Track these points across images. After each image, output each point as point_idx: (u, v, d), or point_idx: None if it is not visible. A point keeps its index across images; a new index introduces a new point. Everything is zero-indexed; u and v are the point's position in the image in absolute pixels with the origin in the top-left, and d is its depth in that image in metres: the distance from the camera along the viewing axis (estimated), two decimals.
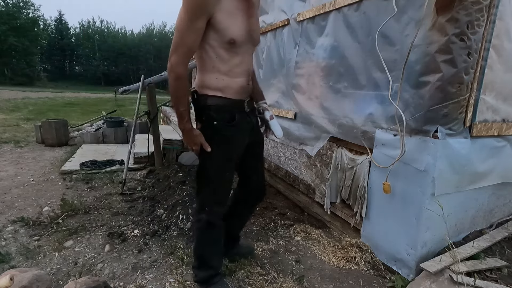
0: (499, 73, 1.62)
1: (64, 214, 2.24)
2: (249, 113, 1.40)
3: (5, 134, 5.26)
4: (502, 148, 1.81)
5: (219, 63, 1.24)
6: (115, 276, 1.63)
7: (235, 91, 1.29)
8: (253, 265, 1.76)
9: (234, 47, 1.21)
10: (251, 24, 1.24)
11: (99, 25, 47.35)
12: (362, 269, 1.78)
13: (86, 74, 43.45)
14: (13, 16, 32.16)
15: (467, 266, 1.54)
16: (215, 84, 1.27)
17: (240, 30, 1.20)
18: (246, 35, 1.22)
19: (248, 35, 1.23)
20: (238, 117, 1.32)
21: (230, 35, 1.17)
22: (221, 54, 1.22)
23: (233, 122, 1.30)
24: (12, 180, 3.02)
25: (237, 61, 1.25)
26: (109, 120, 5.25)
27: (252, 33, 1.25)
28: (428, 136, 1.53)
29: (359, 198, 1.95)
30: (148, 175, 3.32)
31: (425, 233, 1.59)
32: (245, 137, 1.39)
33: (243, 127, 1.36)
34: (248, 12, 1.21)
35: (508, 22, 1.56)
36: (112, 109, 6.74)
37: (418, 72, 1.54)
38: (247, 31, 1.22)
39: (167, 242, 1.95)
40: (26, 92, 17.64)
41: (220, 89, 1.28)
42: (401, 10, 1.60)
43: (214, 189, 1.39)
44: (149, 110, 3.30)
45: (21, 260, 1.72)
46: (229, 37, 1.18)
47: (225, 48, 1.21)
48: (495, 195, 1.96)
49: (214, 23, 1.15)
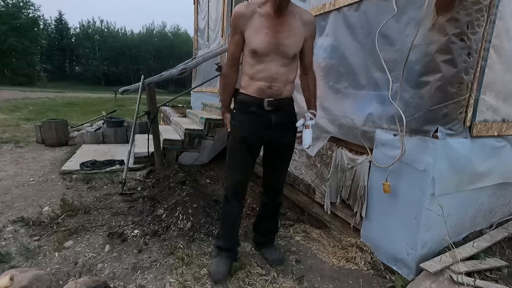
0: (499, 73, 1.62)
1: (64, 214, 2.24)
2: (271, 111, 1.59)
3: (5, 134, 5.26)
4: (502, 148, 1.81)
5: (247, 68, 1.58)
6: (115, 276, 1.63)
7: (254, 91, 1.57)
8: (253, 265, 1.76)
9: (257, 56, 1.51)
10: (278, 38, 1.49)
11: (99, 25, 47.26)
12: (362, 269, 1.78)
13: (86, 74, 43.36)
14: (13, 16, 32.10)
15: (467, 266, 1.54)
16: (243, 84, 1.63)
17: (262, 43, 1.48)
18: (269, 47, 1.49)
19: (274, 47, 1.49)
20: (252, 110, 1.59)
21: (252, 46, 1.50)
22: (248, 61, 1.56)
23: (246, 110, 1.60)
24: (12, 180, 3.02)
25: (260, 67, 1.53)
26: (109, 120, 5.24)
27: (279, 46, 1.49)
28: (428, 136, 1.53)
29: (359, 198, 1.95)
30: (148, 175, 3.32)
31: (425, 233, 1.59)
32: (257, 129, 1.61)
33: (256, 120, 1.60)
34: (276, 29, 1.48)
35: (508, 22, 1.56)
36: (112, 109, 6.73)
37: (418, 72, 1.54)
38: (272, 44, 1.48)
39: (167, 242, 1.95)
40: (26, 92, 17.62)
41: (245, 87, 1.62)
42: (401, 10, 1.60)
43: (229, 170, 1.71)
44: (149, 110, 3.30)
45: (21, 260, 1.72)
46: (251, 47, 1.50)
47: (250, 56, 1.53)
48: (495, 195, 1.96)
49: (245, 37, 1.53)
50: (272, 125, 1.60)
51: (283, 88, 1.58)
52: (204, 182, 3.24)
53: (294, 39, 1.53)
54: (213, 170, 3.56)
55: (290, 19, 1.51)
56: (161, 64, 39.25)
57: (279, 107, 1.60)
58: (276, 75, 1.54)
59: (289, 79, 1.60)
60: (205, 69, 6.19)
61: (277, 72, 1.54)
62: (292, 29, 1.51)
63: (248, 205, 2.58)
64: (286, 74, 1.57)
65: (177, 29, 51.17)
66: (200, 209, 2.24)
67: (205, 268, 1.69)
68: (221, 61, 5.32)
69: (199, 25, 7.31)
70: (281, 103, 1.60)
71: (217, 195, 2.88)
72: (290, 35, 1.51)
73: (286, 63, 1.55)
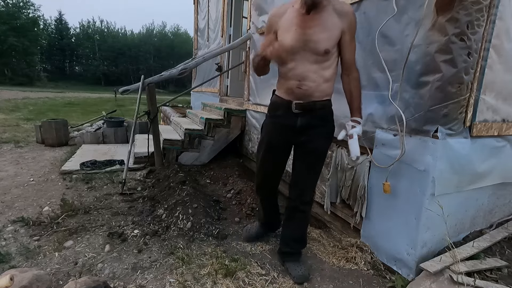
0: (499, 73, 1.62)
1: (64, 214, 2.24)
2: (299, 114, 1.55)
3: (5, 134, 5.26)
4: (502, 148, 1.81)
5: (280, 67, 1.56)
6: (115, 276, 1.63)
7: (284, 92, 1.57)
8: (253, 265, 1.76)
9: (287, 54, 1.47)
10: (306, 35, 1.45)
11: (99, 25, 47.28)
12: (362, 269, 1.78)
13: (86, 74, 43.39)
14: (13, 16, 32.10)
15: (467, 266, 1.54)
16: (277, 84, 1.64)
17: (291, 41, 1.46)
18: (297, 44, 1.45)
19: (302, 44, 1.45)
20: (279, 113, 1.59)
21: (282, 44, 1.45)
22: None
23: (273, 114, 1.64)
24: (12, 180, 3.02)
25: (290, 65, 1.50)
26: (109, 120, 5.24)
27: (308, 43, 1.45)
28: (428, 136, 1.53)
29: (359, 198, 1.95)
30: (148, 175, 3.32)
31: (425, 233, 1.59)
32: (283, 133, 1.62)
33: (282, 123, 1.60)
34: (305, 25, 1.44)
35: (508, 22, 1.56)
36: (112, 109, 6.72)
37: (418, 72, 1.54)
38: (300, 41, 1.45)
39: (167, 242, 1.95)
40: (26, 92, 17.62)
41: (278, 88, 1.63)
42: (401, 10, 1.60)
43: (256, 164, 1.83)
44: (149, 110, 3.30)
45: (21, 260, 1.72)
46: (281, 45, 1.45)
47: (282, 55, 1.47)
48: (495, 195, 1.96)
49: (278, 36, 1.54)
50: (297, 128, 1.57)
51: (315, 88, 1.50)
52: (204, 182, 3.24)
53: (326, 34, 1.45)
54: (213, 170, 3.56)
55: (322, 13, 1.44)
56: (161, 64, 39.30)
57: (309, 111, 1.54)
58: (306, 72, 1.48)
59: (323, 76, 1.50)
60: (205, 69, 6.20)
61: (307, 70, 1.48)
62: (323, 23, 1.44)
63: (248, 205, 2.58)
64: (317, 71, 1.49)
65: (177, 29, 51.26)
66: (200, 209, 2.24)
67: (205, 268, 1.69)
68: (221, 61, 5.33)
69: (199, 25, 7.31)
70: (312, 107, 1.53)
71: (217, 195, 2.89)
72: (320, 30, 1.44)
73: (318, 59, 1.47)
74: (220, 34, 5.45)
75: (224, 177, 3.30)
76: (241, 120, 3.81)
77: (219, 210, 2.52)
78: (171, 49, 44.82)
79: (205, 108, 4.95)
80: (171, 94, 17.09)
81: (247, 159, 3.82)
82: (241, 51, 4.69)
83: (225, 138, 3.81)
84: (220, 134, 3.73)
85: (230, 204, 2.68)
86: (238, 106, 4.08)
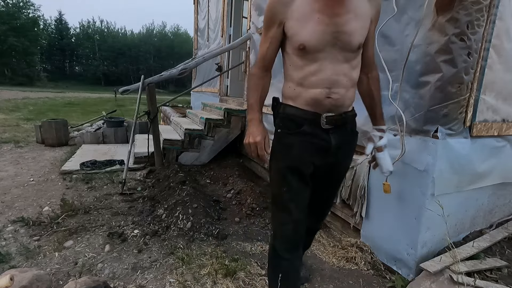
0: (499, 73, 1.62)
1: (64, 214, 2.24)
2: (330, 130, 1.15)
3: (5, 134, 5.26)
4: (502, 148, 1.81)
5: (292, 71, 1.15)
6: (115, 276, 1.63)
7: (306, 102, 1.13)
8: (253, 265, 1.76)
9: (307, 53, 1.07)
10: (336, 25, 1.04)
11: (99, 25, 47.34)
12: (362, 269, 1.78)
13: (86, 74, 43.43)
14: (13, 16, 32.14)
15: (467, 266, 1.54)
16: (288, 93, 1.18)
17: (314, 33, 1.04)
18: (325, 38, 1.05)
19: (331, 37, 1.05)
20: (305, 130, 1.14)
21: (300, 40, 1.06)
22: (294, 61, 1.12)
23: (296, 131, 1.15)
24: (12, 180, 3.02)
25: (312, 69, 1.09)
26: (109, 120, 5.24)
27: (338, 35, 1.04)
28: (428, 136, 1.53)
29: (359, 198, 1.95)
30: (148, 175, 3.32)
31: (425, 233, 1.59)
32: (313, 154, 1.17)
33: (311, 142, 1.15)
34: (332, 11, 1.03)
35: (508, 22, 1.56)
36: (112, 109, 6.73)
37: (418, 72, 1.54)
38: (329, 33, 1.04)
39: (167, 242, 1.95)
40: (26, 92, 17.63)
41: (292, 98, 1.16)
42: (401, 10, 1.59)
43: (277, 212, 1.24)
44: (149, 110, 3.30)
45: (21, 260, 1.72)
46: (299, 42, 1.06)
47: (298, 55, 1.10)
48: (495, 195, 1.96)
49: (286, 30, 1.09)
50: (331, 149, 1.17)
51: (345, 94, 1.13)
52: (204, 182, 3.24)
53: (360, 22, 1.08)
54: (213, 170, 3.56)
55: None
56: (161, 64, 39.31)
57: (341, 125, 1.17)
58: (336, 76, 1.09)
59: (352, 79, 1.15)
60: (205, 69, 6.20)
61: (338, 72, 1.10)
62: (355, 8, 1.06)
63: (248, 205, 2.58)
64: (349, 73, 1.12)
65: (177, 29, 51.30)
66: (200, 209, 2.24)
67: (205, 268, 1.69)
68: (221, 61, 5.33)
69: (199, 25, 7.31)
70: (344, 119, 1.17)
71: (217, 195, 2.89)
72: (352, 18, 1.06)
73: (349, 57, 1.10)
74: (220, 34, 5.45)
75: (224, 177, 3.30)
76: (241, 120, 3.81)
77: (219, 210, 2.52)
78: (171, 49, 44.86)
79: (205, 108, 4.95)
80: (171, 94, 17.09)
81: (247, 159, 3.82)
82: (241, 51, 4.69)
83: (225, 138, 3.81)
84: (220, 134, 3.74)
85: (230, 204, 2.68)
86: (238, 106, 4.08)
